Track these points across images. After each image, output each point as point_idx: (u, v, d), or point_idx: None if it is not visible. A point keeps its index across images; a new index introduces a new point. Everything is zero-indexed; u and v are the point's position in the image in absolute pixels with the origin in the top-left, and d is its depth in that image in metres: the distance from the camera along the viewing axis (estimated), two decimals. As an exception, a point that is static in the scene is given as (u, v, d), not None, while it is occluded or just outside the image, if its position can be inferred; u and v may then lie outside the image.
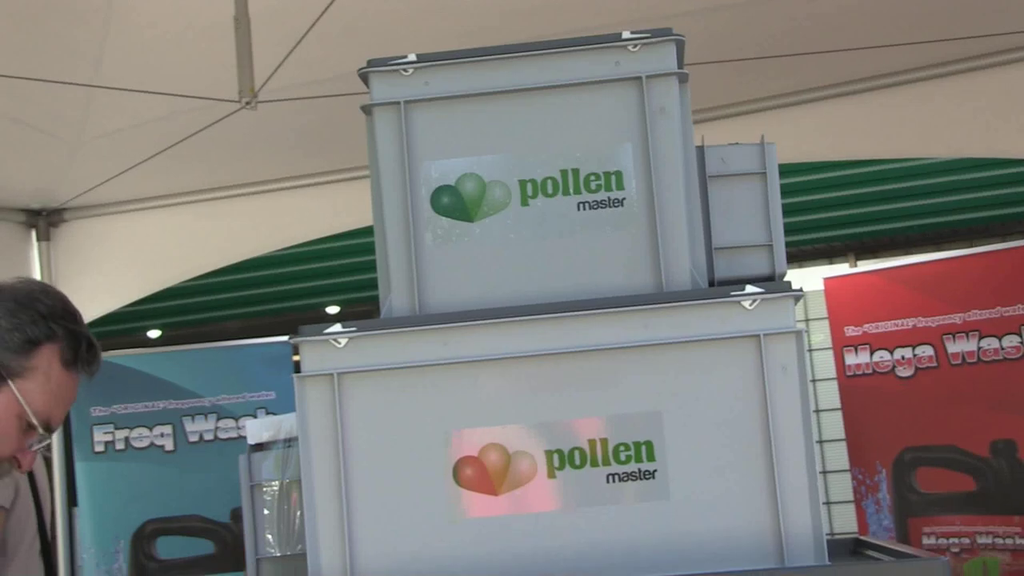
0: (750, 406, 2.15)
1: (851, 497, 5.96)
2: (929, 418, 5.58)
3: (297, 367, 2.25)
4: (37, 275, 5.49)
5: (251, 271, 7.96)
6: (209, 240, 5.64)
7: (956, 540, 5.53)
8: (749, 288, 2.18)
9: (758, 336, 2.16)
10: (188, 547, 5.60)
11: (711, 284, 2.37)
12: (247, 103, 3.98)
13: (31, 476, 3.66)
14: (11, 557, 3.54)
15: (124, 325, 8.29)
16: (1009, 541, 5.36)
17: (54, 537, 3.95)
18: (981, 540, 5.45)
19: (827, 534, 2.16)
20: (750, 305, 2.17)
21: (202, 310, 8.73)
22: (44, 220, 5.48)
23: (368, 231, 2.45)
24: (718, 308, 2.18)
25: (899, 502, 5.71)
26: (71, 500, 5.67)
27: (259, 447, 2.54)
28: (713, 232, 2.42)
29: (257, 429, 2.55)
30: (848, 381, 5.85)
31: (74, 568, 5.76)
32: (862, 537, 2.58)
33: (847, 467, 5.98)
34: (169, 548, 5.68)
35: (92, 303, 5.65)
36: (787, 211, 2.49)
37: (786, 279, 2.33)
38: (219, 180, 5.44)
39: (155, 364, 5.83)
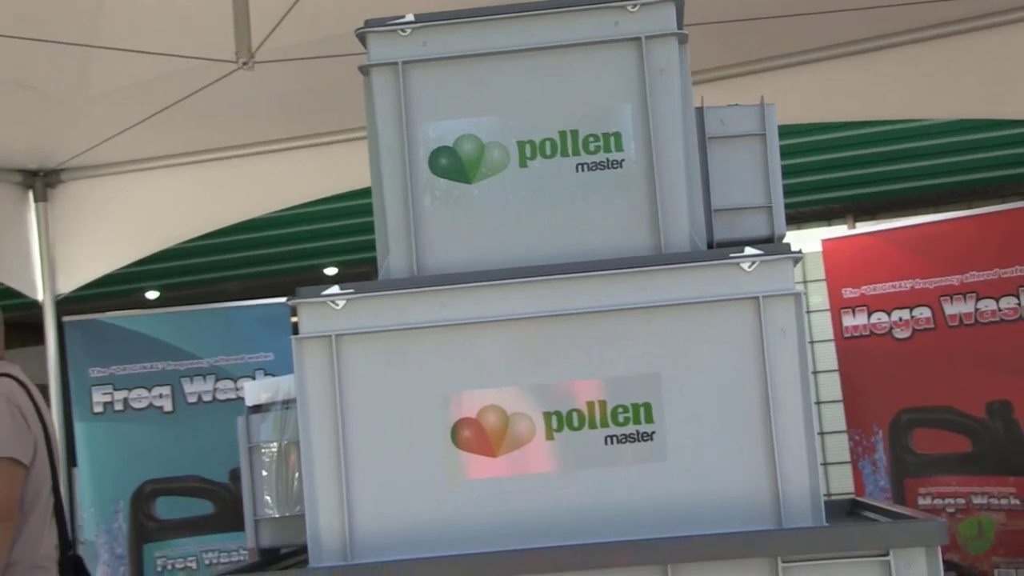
0: (749, 368, 2.15)
1: (848, 458, 5.98)
2: (926, 379, 5.59)
3: (295, 329, 2.25)
4: (35, 236, 5.48)
5: (249, 232, 7.95)
6: (207, 201, 5.62)
7: (952, 500, 5.55)
8: (748, 250, 2.18)
9: (757, 298, 2.16)
10: (187, 507, 5.63)
11: (710, 246, 2.37)
12: (244, 64, 3.95)
13: (47, 435, 3.68)
14: (27, 514, 3.56)
15: (122, 286, 8.28)
16: (1004, 501, 5.38)
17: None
18: (976, 500, 5.47)
19: (824, 495, 2.17)
20: (749, 267, 2.17)
21: (200, 271, 8.73)
22: (41, 181, 5.46)
23: (367, 192, 2.44)
24: (717, 270, 2.18)
25: (895, 463, 5.73)
26: (70, 460, 5.68)
27: (257, 409, 2.54)
28: (712, 194, 2.41)
29: (255, 391, 2.55)
30: (845, 343, 5.86)
31: (74, 528, 5.78)
32: (859, 498, 2.60)
33: (844, 428, 6.00)
34: (168, 508, 5.70)
35: (90, 264, 5.65)
36: (786, 173, 2.48)
37: (785, 241, 2.32)
38: (217, 141, 5.41)
39: (153, 325, 5.83)
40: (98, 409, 5.71)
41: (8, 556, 3.46)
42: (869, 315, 5.74)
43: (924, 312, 5.58)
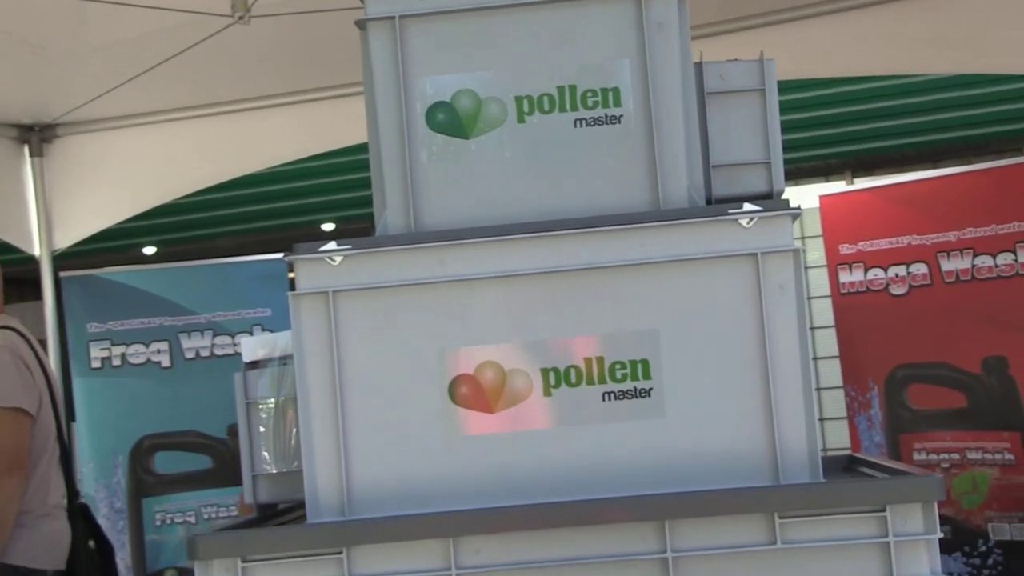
0: (747, 325, 2.15)
1: (843, 414, 6.00)
2: (922, 335, 5.59)
3: (292, 285, 2.25)
4: (31, 191, 5.46)
5: (247, 188, 7.92)
6: (204, 156, 5.60)
7: (946, 456, 5.57)
8: (747, 206, 2.17)
9: (755, 254, 2.16)
10: (186, 462, 5.64)
11: (709, 202, 2.36)
12: (240, 18, 3.93)
13: (50, 387, 3.70)
14: (35, 464, 3.59)
15: (119, 242, 8.28)
16: (998, 456, 5.40)
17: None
18: (971, 456, 5.49)
19: (820, 451, 2.17)
20: (748, 223, 2.17)
21: (197, 227, 8.71)
22: (37, 136, 5.43)
23: (364, 148, 2.43)
24: (715, 226, 2.18)
25: (891, 419, 5.74)
26: (69, 415, 5.69)
27: (254, 365, 2.54)
28: (711, 150, 2.40)
29: (252, 347, 2.55)
30: (842, 299, 5.86)
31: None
32: (856, 454, 2.61)
33: (840, 384, 6.01)
34: (167, 463, 5.72)
35: (86, 220, 5.63)
36: (784, 128, 2.47)
37: (784, 197, 2.32)
38: (214, 96, 5.38)
39: (151, 281, 5.83)
40: (96, 364, 5.72)
41: (20, 505, 3.48)
42: (866, 271, 5.74)
43: (921, 268, 5.58)
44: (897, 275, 5.64)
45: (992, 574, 5.42)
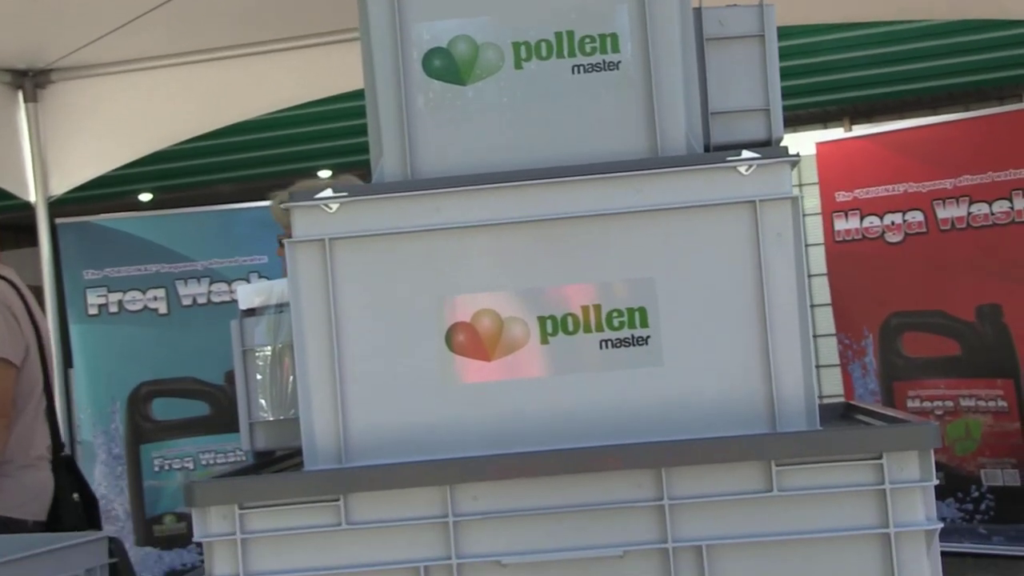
0: (744, 272, 2.15)
1: (836, 361, 6.01)
2: (917, 283, 5.60)
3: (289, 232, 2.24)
4: (25, 137, 5.43)
5: (243, 134, 7.90)
6: (200, 102, 5.56)
7: (940, 403, 5.60)
8: (745, 153, 2.16)
9: (754, 202, 2.15)
10: (183, 408, 5.66)
11: (707, 149, 2.35)
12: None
13: (39, 337, 3.70)
14: (18, 415, 3.59)
15: (114, 188, 8.25)
16: (991, 403, 5.43)
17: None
18: (964, 403, 5.52)
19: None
20: (746, 171, 2.16)
21: (193, 173, 8.69)
22: (31, 81, 5.40)
23: (361, 94, 2.41)
24: (713, 173, 2.17)
25: (885, 366, 5.76)
26: (66, 362, 5.70)
27: (251, 312, 2.54)
28: (710, 96, 2.39)
29: (248, 294, 2.54)
30: (837, 247, 5.86)
31: (72, 428, 5.82)
32: (852, 402, 2.61)
33: (832, 332, 6.02)
34: (164, 409, 5.73)
35: (82, 166, 5.60)
36: (782, 75, 2.45)
37: (782, 144, 2.31)
38: (210, 42, 5.34)
39: (147, 227, 5.82)
40: (93, 311, 5.72)
41: (2, 455, 3.49)
42: (861, 219, 5.74)
43: (916, 216, 5.58)
44: (893, 223, 5.64)
45: (984, 519, 5.46)
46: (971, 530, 5.48)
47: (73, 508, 3.70)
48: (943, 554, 2.05)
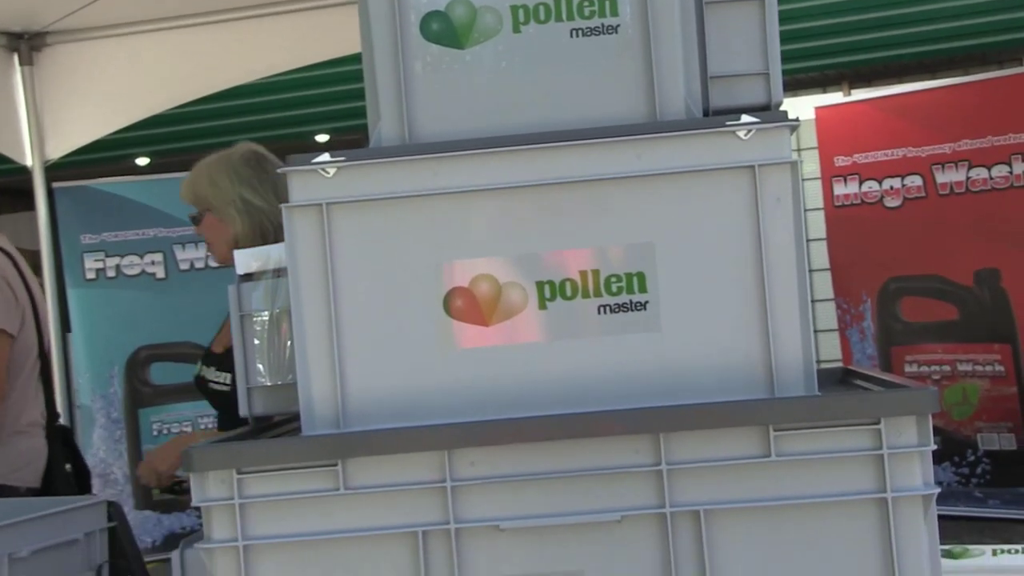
0: (743, 237, 2.14)
1: (834, 326, 6.03)
2: (915, 248, 5.61)
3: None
4: (21, 101, 5.41)
5: (240, 99, 7.87)
6: (197, 66, 5.54)
7: (937, 368, 5.61)
8: (745, 118, 2.15)
9: (753, 167, 2.14)
10: (181, 373, 5.66)
11: (706, 114, 2.34)
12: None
13: (33, 303, 3.70)
14: (14, 378, 3.60)
15: (111, 152, 8.23)
16: (989, 368, 5.44)
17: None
18: (961, 367, 5.53)
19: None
20: (745, 135, 2.15)
21: (190, 137, 8.66)
22: (26, 44, 5.38)
23: (359, 58, 2.40)
24: (712, 138, 2.16)
25: (883, 331, 5.77)
26: (64, 326, 5.70)
27: (248, 277, 2.53)
28: (709, 60, 2.37)
29: (245, 259, 2.53)
30: (836, 211, 5.86)
31: (70, 392, 5.83)
32: (850, 367, 2.61)
33: (830, 296, 6.03)
34: (162, 374, 5.74)
35: (78, 130, 5.59)
36: (781, 39, 2.44)
37: (782, 109, 2.30)
38: (207, 4, 5.32)
39: (144, 191, 5.81)
40: (90, 276, 5.72)
41: None
42: (860, 183, 5.73)
43: (915, 180, 5.58)
44: (892, 187, 5.63)
45: (980, 483, 5.48)
46: (967, 494, 5.51)
47: (65, 478, 3.71)
48: (940, 518, 2.06)
